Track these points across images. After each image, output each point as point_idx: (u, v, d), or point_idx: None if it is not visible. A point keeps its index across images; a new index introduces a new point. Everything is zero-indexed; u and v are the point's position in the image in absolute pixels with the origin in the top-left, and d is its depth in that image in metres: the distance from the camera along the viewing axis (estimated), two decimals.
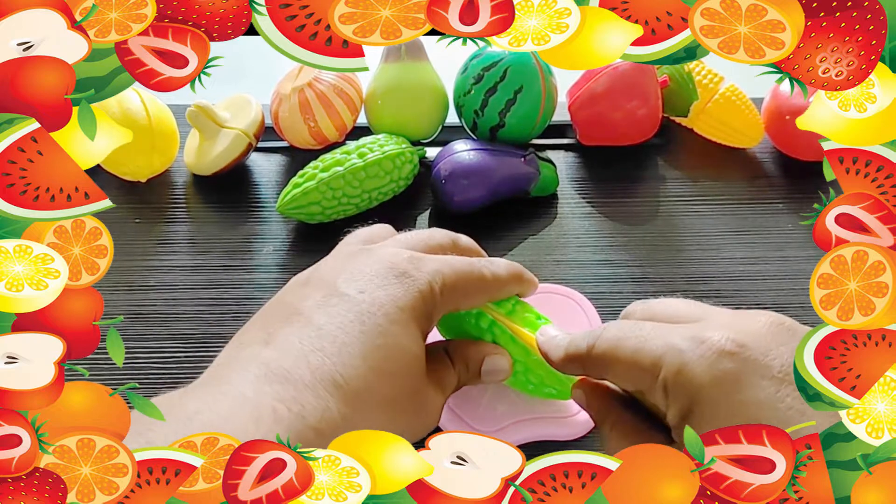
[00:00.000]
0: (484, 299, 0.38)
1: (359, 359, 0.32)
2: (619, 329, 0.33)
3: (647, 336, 0.32)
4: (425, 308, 0.35)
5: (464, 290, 0.37)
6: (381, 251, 0.37)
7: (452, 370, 0.37)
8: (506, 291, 0.39)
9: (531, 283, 0.40)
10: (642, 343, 0.32)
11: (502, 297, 0.39)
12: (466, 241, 0.41)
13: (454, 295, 0.36)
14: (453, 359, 0.37)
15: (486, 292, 0.38)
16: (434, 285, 0.35)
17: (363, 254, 0.37)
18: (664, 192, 0.56)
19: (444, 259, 0.37)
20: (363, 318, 0.33)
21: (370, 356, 0.33)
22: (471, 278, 0.37)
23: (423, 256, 0.37)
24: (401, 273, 0.35)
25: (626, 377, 0.33)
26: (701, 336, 0.31)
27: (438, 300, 0.35)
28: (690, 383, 0.30)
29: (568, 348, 0.35)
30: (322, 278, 0.36)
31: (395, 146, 0.53)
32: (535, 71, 0.53)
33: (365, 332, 0.33)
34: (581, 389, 0.36)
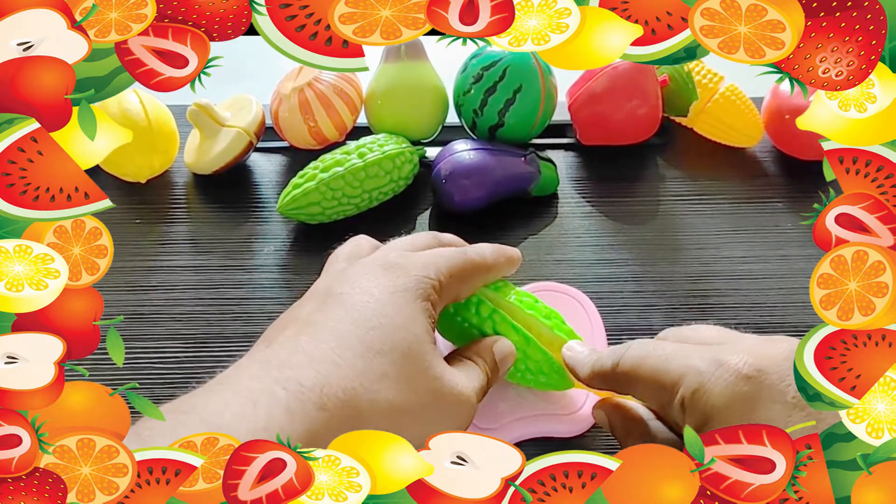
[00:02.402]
0: (480, 282, 0.39)
1: (354, 339, 0.33)
2: (641, 348, 0.35)
3: (669, 356, 0.34)
4: (423, 292, 0.35)
5: (459, 277, 0.37)
6: (369, 258, 0.37)
7: (476, 365, 0.37)
8: (497, 272, 0.40)
9: (516, 260, 0.41)
10: (664, 362, 0.33)
11: (495, 278, 0.40)
12: (449, 237, 0.42)
13: (451, 282, 0.37)
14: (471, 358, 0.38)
15: (480, 275, 0.39)
16: (428, 275, 0.36)
17: (352, 265, 0.37)
18: (664, 192, 0.56)
19: (433, 252, 0.38)
20: (357, 307, 0.34)
21: (366, 337, 0.33)
22: (463, 265, 0.38)
23: (411, 253, 0.37)
24: (390, 266, 0.36)
25: (648, 394, 0.34)
26: (721, 359, 0.32)
27: (437, 288, 0.36)
28: (706, 402, 0.31)
29: (594, 366, 0.36)
30: (315, 291, 0.37)
31: (395, 146, 0.53)
32: (534, 70, 0.53)
33: (358, 319, 0.33)
34: (602, 410, 0.38)
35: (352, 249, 0.40)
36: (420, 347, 0.34)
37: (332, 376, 0.31)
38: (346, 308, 0.34)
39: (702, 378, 0.32)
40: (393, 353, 0.33)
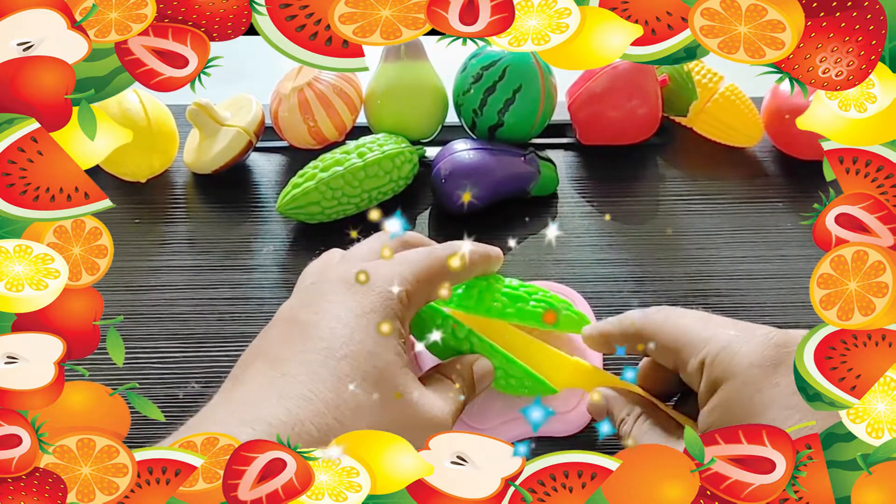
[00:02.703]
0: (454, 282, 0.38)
1: (324, 371, 0.32)
2: (672, 310, 0.38)
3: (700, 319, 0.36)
4: (390, 311, 0.34)
5: (427, 280, 0.36)
6: (331, 273, 0.37)
7: (452, 384, 0.37)
8: (472, 270, 0.39)
9: (494, 259, 0.40)
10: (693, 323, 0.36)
11: (469, 276, 0.39)
12: (413, 235, 0.41)
13: (420, 287, 0.36)
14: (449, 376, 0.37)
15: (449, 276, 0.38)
16: (393, 290, 0.35)
17: (316, 285, 0.37)
18: (664, 192, 0.56)
19: (397, 260, 0.37)
20: (323, 335, 0.33)
21: (336, 368, 0.32)
22: (430, 267, 0.37)
23: (374, 263, 0.36)
24: (353, 284, 0.35)
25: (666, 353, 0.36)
26: (751, 327, 0.34)
27: (404, 298, 0.35)
28: (730, 361, 0.33)
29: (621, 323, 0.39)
30: (281, 317, 0.36)
31: (395, 146, 0.53)
32: (534, 70, 0.53)
33: (326, 349, 0.32)
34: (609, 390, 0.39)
35: (320, 266, 0.39)
36: (392, 373, 0.33)
37: (304, 412, 0.30)
38: (313, 337, 0.33)
39: (730, 340, 0.34)
40: (365, 382, 0.32)
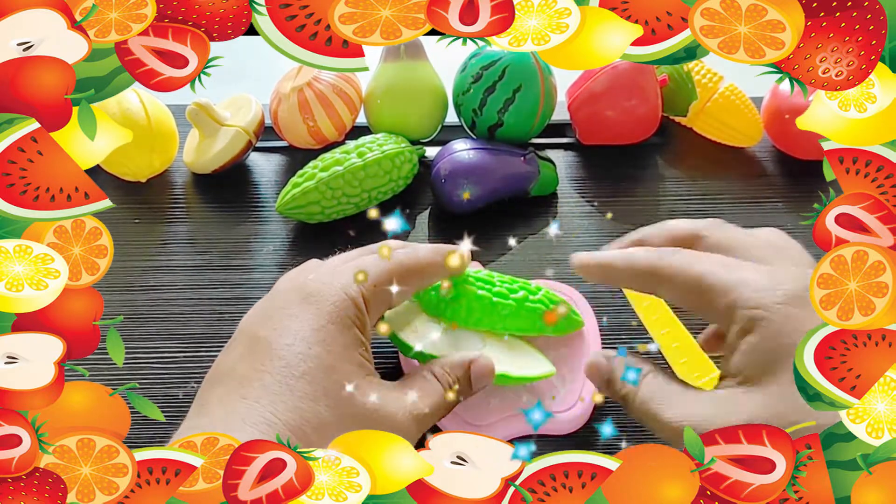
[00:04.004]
0: (417, 285, 0.38)
1: (285, 391, 0.32)
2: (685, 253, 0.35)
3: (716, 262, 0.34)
4: (347, 320, 0.35)
5: (388, 284, 0.36)
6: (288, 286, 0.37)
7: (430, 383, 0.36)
8: (435, 273, 0.39)
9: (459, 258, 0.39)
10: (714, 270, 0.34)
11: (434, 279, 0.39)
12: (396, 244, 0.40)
13: (377, 294, 0.36)
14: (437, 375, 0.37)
15: (413, 278, 0.38)
16: (348, 298, 0.35)
17: (276, 294, 0.37)
18: (664, 192, 0.56)
19: (357, 264, 0.37)
20: (281, 353, 0.33)
21: (296, 386, 0.32)
22: (390, 271, 0.37)
23: (332, 271, 0.37)
24: (308, 295, 0.35)
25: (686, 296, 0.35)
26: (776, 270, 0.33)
27: (361, 307, 0.35)
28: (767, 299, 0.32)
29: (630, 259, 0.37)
30: (241, 332, 0.36)
31: (395, 145, 0.53)
32: (534, 70, 0.53)
33: (285, 368, 0.33)
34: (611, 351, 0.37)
35: (293, 276, 0.39)
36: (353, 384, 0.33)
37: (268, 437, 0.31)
38: (272, 357, 0.33)
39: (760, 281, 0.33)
40: (327, 397, 0.32)
